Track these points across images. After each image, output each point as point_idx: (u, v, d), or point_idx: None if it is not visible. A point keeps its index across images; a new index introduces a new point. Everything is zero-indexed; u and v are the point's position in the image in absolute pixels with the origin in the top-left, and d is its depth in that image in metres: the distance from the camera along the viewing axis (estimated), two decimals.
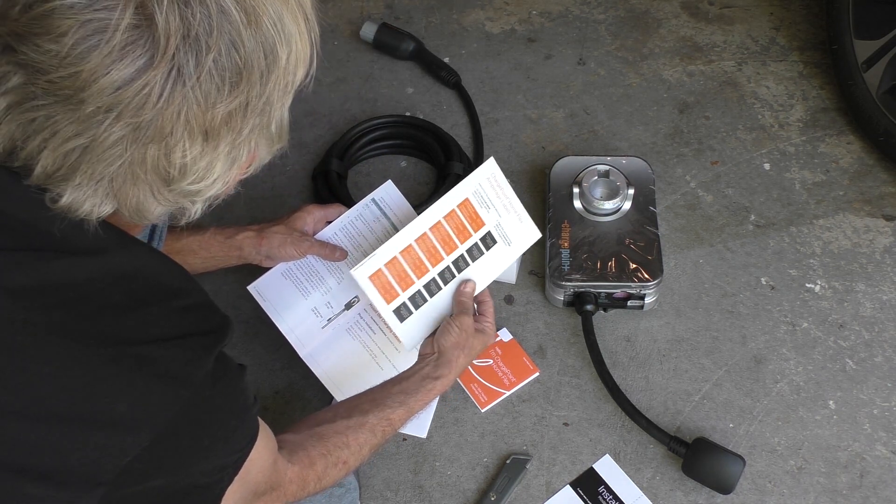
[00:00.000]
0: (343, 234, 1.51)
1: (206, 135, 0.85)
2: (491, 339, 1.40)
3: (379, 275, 1.37)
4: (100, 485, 0.87)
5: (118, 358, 0.87)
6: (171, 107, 0.82)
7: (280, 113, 0.93)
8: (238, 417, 1.00)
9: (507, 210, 1.47)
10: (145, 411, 0.88)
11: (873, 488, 1.43)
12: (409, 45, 1.95)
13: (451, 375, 1.34)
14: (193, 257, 1.45)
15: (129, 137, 0.83)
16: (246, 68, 0.85)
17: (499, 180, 1.47)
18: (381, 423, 1.26)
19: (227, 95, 0.84)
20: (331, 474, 1.21)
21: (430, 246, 1.41)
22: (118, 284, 0.89)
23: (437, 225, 1.42)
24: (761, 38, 2.00)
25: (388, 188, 1.55)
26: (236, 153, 0.90)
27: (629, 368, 1.55)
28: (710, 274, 1.66)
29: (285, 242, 1.46)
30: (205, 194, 0.91)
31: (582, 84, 1.93)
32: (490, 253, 1.45)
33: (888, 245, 1.69)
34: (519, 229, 1.48)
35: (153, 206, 0.89)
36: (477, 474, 1.45)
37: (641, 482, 1.44)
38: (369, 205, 1.53)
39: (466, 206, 1.45)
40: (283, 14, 0.88)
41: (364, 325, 1.50)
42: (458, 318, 1.37)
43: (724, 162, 1.80)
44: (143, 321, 0.89)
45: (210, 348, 0.93)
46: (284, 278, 1.49)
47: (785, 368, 1.55)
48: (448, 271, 1.42)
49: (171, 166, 0.86)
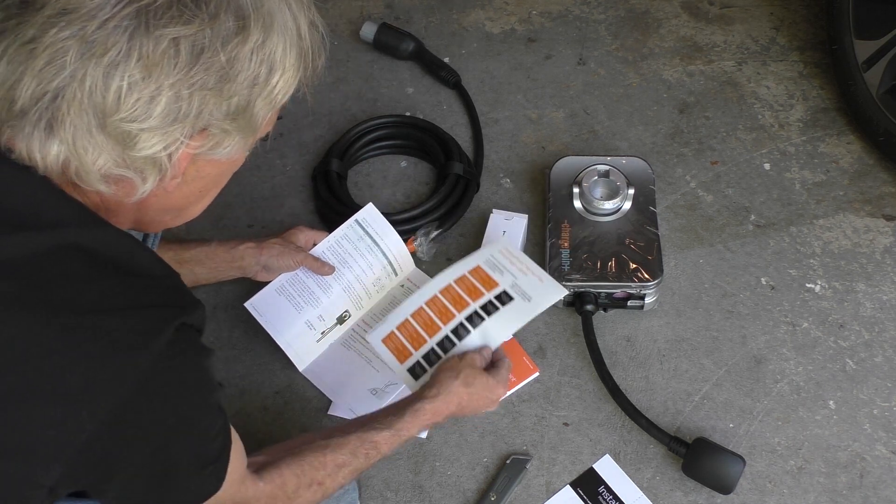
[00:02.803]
0: (331, 252, 1.58)
1: (147, 64, 0.86)
2: (500, 387, 1.32)
3: (392, 337, 1.41)
4: (57, 461, 0.84)
5: (71, 327, 0.85)
6: (122, 22, 0.85)
7: (247, 97, 0.93)
8: (200, 395, 0.95)
9: (523, 273, 1.43)
10: (100, 382, 0.85)
11: (873, 488, 1.43)
12: (409, 45, 1.95)
13: (441, 398, 1.27)
14: (201, 267, 1.50)
15: (75, 48, 0.85)
16: (208, 9, 0.88)
17: (513, 252, 1.46)
18: (364, 444, 1.21)
19: (180, 23, 0.86)
20: (303, 496, 1.16)
21: (440, 306, 1.41)
22: (76, 256, 0.88)
23: (448, 287, 1.43)
24: (761, 38, 2.00)
25: (370, 210, 1.61)
26: (181, 106, 0.89)
27: (629, 368, 1.55)
28: (710, 274, 1.66)
29: (283, 253, 1.53)
30: (143, 147, 0.89)
31: (582, 84, 1.93)
32: (506, 308, 1.39)
33: (888, 245, 1.69)
34: (539, 287, 1.42)
35: (92, 154, 0.89)
36: (477, 474, 1.45)
37: (641, 482, 1.44)
38: (353, 225, 1.60)
39: (478, 271, 1.44)
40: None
41: (357, 336, 1.57)
42: (463, 353, 1.34)
43: (724, 162, 1.80)
44: (100, 292, 0.87)
45: (170, 319, 0.89)
46: (279, 294, 1.55)
47: (785, 368, 1.55)
48: (462, 327, 1.38)
49: (107, 92, 0.86)
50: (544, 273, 1.43)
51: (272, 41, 0.93)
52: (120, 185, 0.92)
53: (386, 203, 1.75)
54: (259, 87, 0.94)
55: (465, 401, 1.29)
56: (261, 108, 0.96)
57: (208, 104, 0.91)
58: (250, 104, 0.94)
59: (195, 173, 0.98)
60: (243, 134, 0.96)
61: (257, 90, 0.94)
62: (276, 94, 0.96)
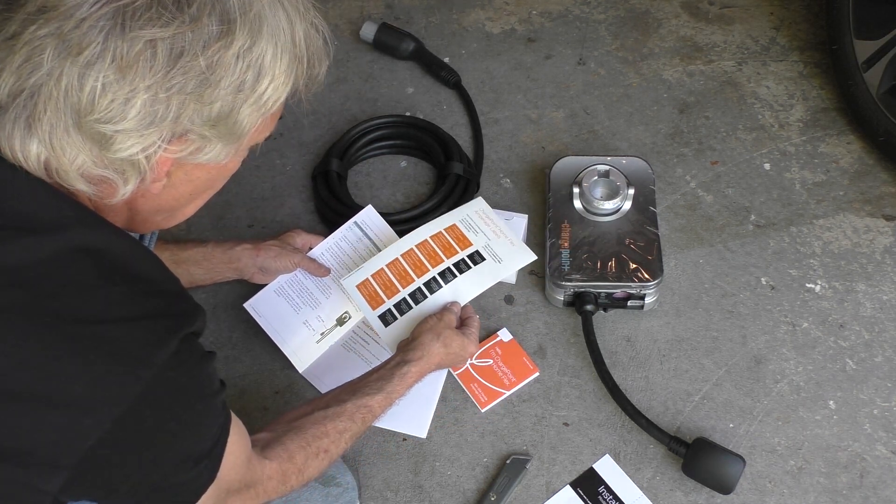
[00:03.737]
0: (329, 254, 1.60)
1: (121, 66, 0.86)
2: (472, 345, 1.44)
3: (366, 284, 1.50)
4: (61, 468, 0.85)
5: (77, 337, 0.85)
6: (99, 22, 0.85)
7: (231, 103, 0.92)
8: (203, 401, 0.97)
9: (496, 235, 1.53)
10: (104, 392, 0.86)
11: (873, 488, 1.43)
12: (409, 45, 1.95)
13: (425, 360, 1.36)
14: (197, 268, 1.51)
15: (52, 47, 0.85)
16: (189, 11, 0.87)
17: (488, 213, 1.55)
18: (360, 409, 1.27)
19: (158, 25, 0.86)
20: (312, 465, 1.20)
21: (415, 260, 1.50)
22: (81, 261, 0.88)
23: (424, 243, 1.52)
24: (761, 38, 2.00)
25: (369, 212, 1.63)
26: (158, 110, 0.88)
27: (629, 368, 1.55)
28: (710, 274, 1.65)
29: (280, 255, 1.54)
30: (119, 148, 0.89)
31: (582, 84, 1.93)
32: (478, 267, 1.50)
33: (888, 245, 1.69)
34: (511, 250, 1.52)
35: (70, 153, 0.88)
36: (477, 474, 1.45)
37: (641, 482, 1.44)
38: (352, 227, 1.62)
39: (454, 229, 1.53)
40: (263, 8, 0.91)
41: (358, 339, 1.57)
42: (439, 312, 1.44)
43: (724, 162, 1.80)
44: (106, 300, 0.88)
45: (174, 330, 0.90)
46: (278, 296, 1.56)
47: (785, 368, 1.55)
48: (434, 281, 1.48)
49: (82, 92, 0.86)
50: (516, 237, 1.54)
51: (260, 46, 0.91)
52: (101, 185, 0.92)
53: (386, 203, 1.75)
54: (245, 93, 0.92)
55: (444, 360, 1.40)
56: (247, 114, 0.94)
57: (187, 109, 0.89)
58: (234, 110, 0.92)
59: (183, 176, 0.97)
60: (225, 141, 0.94)
61: (242, 96, 0.92)
62: (264, 100, 0.94)
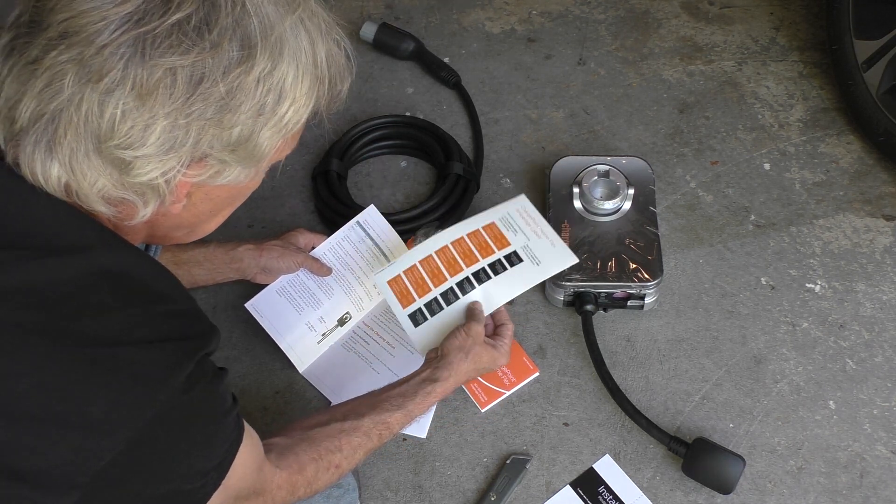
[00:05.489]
0: (332, 254, 1.59)
1: (141, 93, 0.86)
2: (503, 358, 1.39)
3: (397, 280, 1.44)
4: (75, 487, 0.85)
5: (95, 359, 0.86)
6: (119, 49, 0.85)
7: (251, 127, 0.92)
8: (216, 422, 0.98)
9: (537, 236, 1.47)
10: (121, 414, 0.86)
11: (873, 488, 1.43)
12: (409, 45, 1.95)
13: (452, 380, 1.33)
14: (198, 268, 1.50)
15: (73, 72, 0.85)
16: (210, 37, 0.87)
17: (529, 212, 1.48)
18: (378, 426, 1.25)
19: (178, 53, 0.86)
20: (322, 479, 1.19)
21: (450, 258, 1.43)
22: (101, 283, 0.89)
23: (460, 240, 1.45)
24: (761, 38, 2.00)
25: (371, 212, 1.62)
26: (177, 136, 0.88)
27: (629, 368, 1.55)
28: (710, 274, 1.66)
29: (283, 254, 1.53)
30: (139, 173, 0.89)
31: (582, 84, 1.93)
32: (514, 269, 1.43)
33: (888, 245, 1.69)
34: (551, 252, 1.46)
35: (91, 176, 0.89)
36: (477, 474, 1.45)
37: (641, 482, 1.44)
38: (354, 227, 1.61)
39: (492, 227, 1.47)
40: (278, 20, 0.90)
41: (358, 339, 1.57)
42: (468, 324, 1.38)
43: (724, 162, 1.80)
44: (125, 322, 0.89)
45: (191, 353, 0.92)
46: (279, 295, 1.55)
47: (785, 368, 1.55)
48: (468, 282, 1.42)
49: (102, 118, 0.86)
50: (558, 238, 1.45)
51: (281, 69, 0.91)
52: (121, 207, 0.93)
53: (386, 203, 1.75)
54: (265, 116, 0.92)
55: (472, 376, 1.37)
56: (267, 137, 0.94)
57: (206, 134, 0.90)
58: (254, 133, 0.92)
59: (203, 196, 0.98)
60: (245, 164, 0.95)
61: (263, 120, 0.92)
62: (285, 122, 0.94)
